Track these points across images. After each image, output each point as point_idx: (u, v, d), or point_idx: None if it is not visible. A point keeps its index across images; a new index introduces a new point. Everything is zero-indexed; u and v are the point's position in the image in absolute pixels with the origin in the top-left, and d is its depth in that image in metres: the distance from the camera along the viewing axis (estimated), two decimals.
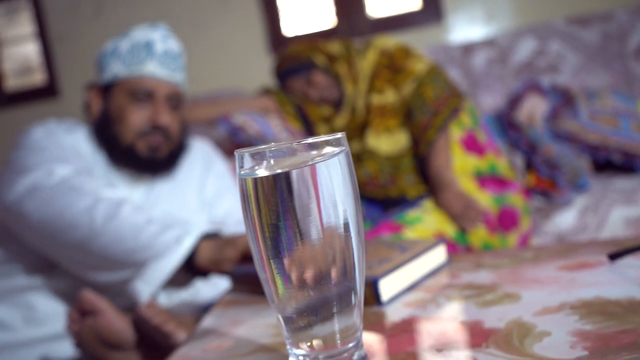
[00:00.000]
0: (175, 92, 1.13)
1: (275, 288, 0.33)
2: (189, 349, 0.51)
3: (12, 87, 2.90)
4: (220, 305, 0.64)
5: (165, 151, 1.12)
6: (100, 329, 0.76)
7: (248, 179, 0.32)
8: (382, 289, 0.56)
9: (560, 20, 2.19)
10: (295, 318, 0.34)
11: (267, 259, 0.32)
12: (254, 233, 0.33)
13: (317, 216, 0.31)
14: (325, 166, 0.32)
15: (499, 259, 0.65)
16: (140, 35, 1.11)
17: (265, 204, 0.31)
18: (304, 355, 0.36)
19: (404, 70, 1.51)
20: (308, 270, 0.32)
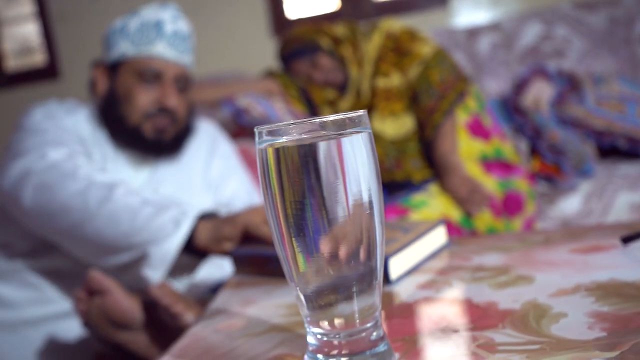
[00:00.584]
0: (183, 73, 1.12)
1: (296, 266, 0.33)
2: (201, 328, 0.51)
3: (12, 68, 2.88)
4: (229, 285, 0.64)
5: (171, 133, 1.10)
6: (108, 309, 0.76)
7: (269, 149, 0.31)
8: (391, 267, 0.57)
9: (566, 4, 2.17)
10: (315, 296, 0.34)
11: (288, 236, 0.32)
12: (274, 209, 0.33)
13: (343, 192, 0.31)
14: (350, 142, 0.32)
15: (509, 241, 0.65)
16: (150, 15, 1.09)
17: (288, 177, 0.30)
18: (322, 333, 0.36)
19: (410, 53, 1.50)
20: (331, 248, 0.31)
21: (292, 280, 0.34)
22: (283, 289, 0.59)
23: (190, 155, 1.19)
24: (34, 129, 1.02)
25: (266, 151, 0.32)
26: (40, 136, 1.00)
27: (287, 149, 0.31)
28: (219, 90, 1.63)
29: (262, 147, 0.33)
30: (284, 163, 0.31)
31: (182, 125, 1.13)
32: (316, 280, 0.33)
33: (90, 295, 0.78)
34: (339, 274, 0.33)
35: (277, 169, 0.31)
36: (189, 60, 1.13)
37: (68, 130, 1.05)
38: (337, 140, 0.31)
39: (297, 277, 0.33)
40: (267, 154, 0.32)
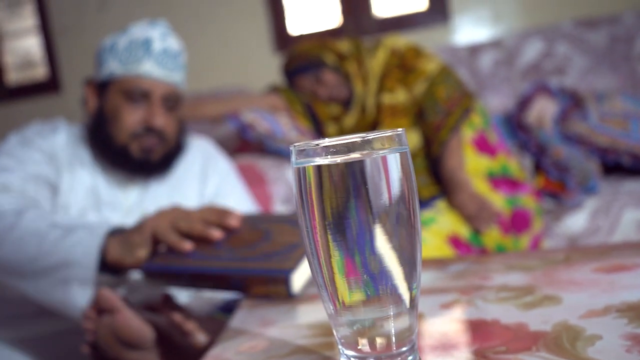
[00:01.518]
0: (172, 92, 1.09)
1: (333, 287, 0.32)
2: (221, 350, 0.49)
3: (13, 81, 2.87)
4: (244, 305, 0.63)
5: (159, 153, 1.09)
6: (118, 328, 0.74)
7: (309, 167, 0.31)
8: (294, 282, 0.60)
9: (567, 22, 2.19)
10: (351, 318, 0.33)
11: (327, 256, 0.31)
12: (312, 228, 0.32)
13: (388, 211, 0.30)
14: (395, 158, 0.31)
15: (528, 260, 0.64)
16: (138, 32, 1.08)
17: (332, 195, 0.30)
18: (357, 357, 0.35)
19: (415, 70, 1.50)
20: (372, 269, 0.31)
21: (329, 300, 0.33)
22: (301, 309, 0.58)
23: (183, 173, 1.17)
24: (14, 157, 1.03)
25: (305, 170, 0.31)
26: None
27: (332, 166, 0.30)
28: (223, 105, 1.63)
29: (300, 166, 0.32)
30: (328, 181, 0.30)
31: (172, 144, 1.11)
32: (354, 301, 0.32)
33: (99, 313, 0.76)
34: (377, 295, 0.32)
35: (319, 188, 0.30)
36: (179, 78, 1.11)
37: (35, 159, 1.04)
38: (383, 158, 0.30)
39: (334, 297, 0.32)
40: (306, 172, 0.31)
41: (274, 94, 1.69)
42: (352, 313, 0.32)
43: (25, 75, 2.88)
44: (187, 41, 2.41)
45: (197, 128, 2.03)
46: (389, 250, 0.31)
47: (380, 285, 0.31)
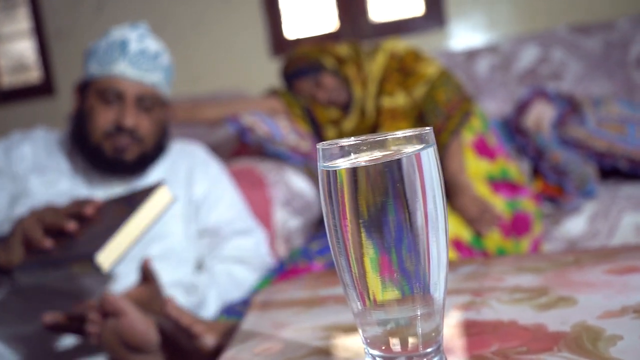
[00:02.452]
0: (147, 92, 1.10)
1: (365, 286, 0.32)
2: (236, 352, 0.49)
3: (7, 85, 2.85)
4: (255, 307, 0.63)
5: (134, 153, 1.09)
6: (123, 331, 0.73)
7: (342, 170, 0.30)
8: (102, 262, 0.68)
9: (563, 28, 2.21)
10: (379, 317, 0.33)
11: (359, 255, 0.31)
12: (342, 228, 0.31)
13: (422, 210, 0.30)
14: (427, 156, 0.31)
15: (538, 262, 0.64)
16: (117, 35, 1.10)
17: (368, 196, 0.29)
18: (383, 357, 0.35)
19: (415, 73, 1.50)
20: (404, 267, 0.30)
21: (357, 299, 0.33)
22: (314, 311, 0.58)
23: (168, 177, 1.17)
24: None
25: (335, 172, 0.31)
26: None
27: (367, 167, 0.30)
28: (223, 108, 1.62)
29: (330, 168, 0.32)
30: (364, 181, 0.29)
31: (149, 145, 1.12)
32: (386, 300, 0.32)
33: (103, 317, 0.75)
34: (409, 294, 0.32)
35: (353, 188, 0.30)
36: (157, 79, 1.12)
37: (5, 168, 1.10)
38: (417, 156, 0.30)
39: (364, 295, 0.32)
40: (337, 174, 0.31)
41: (273, 97, 1.68)
42: (382, 312, 0.32)
43: (19, 79, 2.85)
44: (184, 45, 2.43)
45: (194, 132, 2.02)
46: (423, 249, 0.31)
47: (413, 283, 0.31)
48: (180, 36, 2.57)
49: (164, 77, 1.13)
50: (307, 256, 1.10)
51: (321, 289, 0.66)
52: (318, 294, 0.64)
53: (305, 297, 0.63)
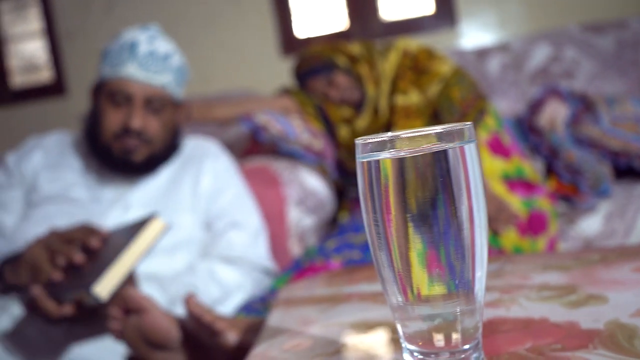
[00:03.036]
0: (156, 94, 1.10)
1: (409, 281, 0.31)
2: (265, 349, 0.49)
3: (18, 84, 2.86)
4: (279, 304, 0.63)
5: (142, 154, 1.11)
6: (146, 328, 0.74)
7: (386, 161, 0.30)
8: (99, 294, 0.75)
9: (575, 26, 2.19)
10: (420, 313, 0.33)
11: (404, 249, 0.31)
12: (383, 222, 0.31)
13: (467, 203, 0.30)
14: (470, 150, 0.31)
15: (563, 260, 0.64)
16: (127, 37, 1.11)
17: (416, 188, 0.29)
18: (421, 352, 0.34)
19: (428, 71, 1.50)
20: (453, 259, 0.30)
21: (399, 293, 0.33)
22: (340, 308, 0.58)
23: (178, 172, 1.19)
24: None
25: (379, 163, 0.31)
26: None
27: (415, 158, 0.29)
28: (235, 107, 1.62)
29: (372, 159, 0.32)
30: (411, 173, 0.29)
31: (158, 146, 1.13)
32: (430, 295, 0.32)
33: (126, 313, 0.75)
34: (451, 290, 0.32)
35: (399, 180, 0.30)
36: (167, 80, 1.12)
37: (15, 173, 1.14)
38: (461, 148, 0.30)
39: (407, 290, 0.32)
40: (381, 165, 0.31)
41: (286, 96, 1.68)
42: (426, 307, 0.32)
43: (30, 79, 2.87)
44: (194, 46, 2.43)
45: (205, 131, 2.02)
46: (468, 244, 0.31)
47: (458, 279, 0.31)
48: (190, 36, 2.57)
49: (174, 78, 1.14)
50: (323, 254, 1.09)
51: (344, 286, 0.66)
52: (342, 291, 0.64)
53: (329, 295, 0.63)
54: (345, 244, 1.16)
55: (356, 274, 0.71)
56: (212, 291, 1.03)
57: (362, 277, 0.69)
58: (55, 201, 1.08)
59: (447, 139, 0.30)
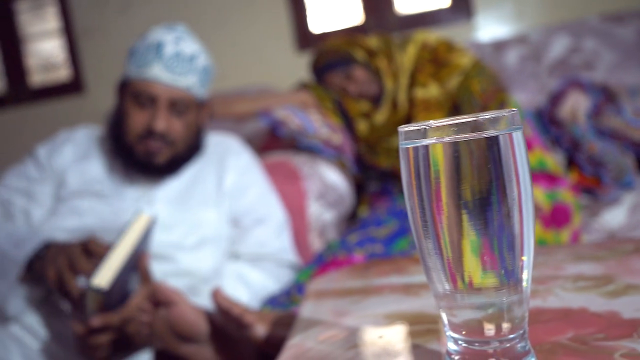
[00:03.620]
0: (180, 96, 1.10)
1: (459, 267, 0.31)
2: (300, 340, 0.49)
3: (37, 83, 2.90)
4: (310, 296, 0.63)
5: (165, 156, 1.11)
6: (174, 321, 0.74)
7: (437, 145, 0.30)
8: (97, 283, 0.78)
9: (594, 17, 2.16)
10: (471, 300, 0.32)
11: (456, 235, 0.30)
12: (431, 209, 0.31)
13: (516, 189, 0.29)
14: (517, 137, 0.30)
15: (596, 251, 0.63)
16: (153, 37, 1.10)
17: (471, 174, 0.29)
18: (466, 340, 0.34)
19: (448, 64, 1.49)
20: (506, 247, 0.30)
21: (447, 281, 0.32)
22: (371, 299, 0.57)
23: (201, 167, 1.19)
24: (17, 167, 1.17)
25: (427, 149, 0.30)
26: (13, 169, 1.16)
27: (467, 144, 0.29)
28: (254, 103, 1.63)
29: (419, 145, 0.31)
30: (467, 158, 0.29)
31: (180, 148, 1.13)
32: (479, 284, 0.31)
33: (155, 306, 0.76)
34: (502, 278, 0.31)
35: (452, 167, 0.29)
36: (192, 82, 1.12)
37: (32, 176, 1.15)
38: (509, 135, 0.30)
39: (457, 278, 0.32)
40: (431, 151, 0.30)
41: (304, 91, 1.68)
42: (475, 295, 0.32)
43: (49, 77, 2.90)
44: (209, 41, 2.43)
45: (222, 126, 2.03)
46: (518, 231, 0.30)
47: (509, 267, 0.31)
48: (206, 33, 2.57)
49: (199, 79, 1.13)
50: (346, 248, 1.09)
51: (374, 278, 0.66)
52: (372, 284, 0.64)
53: (359, 287, 0.63)
54: (368, 237, 1.15)
55: (385, 266, 0.71)
56: (240, 294, 1.04)
57: (392, 270, 0.68)
58: (82, 196, 1.09)
59: (495, 125, 0.30)
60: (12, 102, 2.90)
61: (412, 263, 0.70)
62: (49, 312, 0.99)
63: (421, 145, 0.30)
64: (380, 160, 1.49)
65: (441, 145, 0.30)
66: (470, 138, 0.29)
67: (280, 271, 1.14)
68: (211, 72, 1.18)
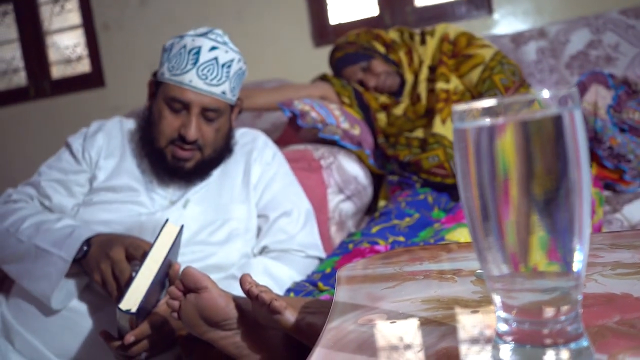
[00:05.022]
0: (214, 103, 1.10)
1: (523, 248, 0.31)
2: (340, 323, 0.49)
3: (58, 76, 2.93)
4: (342, 281, 0.63)
5: (193, 162, 1.12)
6: (204, 307, 0.74)
7: (510, 124, 0.29)
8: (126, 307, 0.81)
9: (614, 11, 2.14)
10: (531, 282, 0.32)
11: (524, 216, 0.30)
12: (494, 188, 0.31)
13: (578, 171, 0.29)
14: (579, 116, 0.30)
15: (630, 239, 0.63)
16: (189, 41, 1.09)
17: (541, 153, 0.29)
18: (518, 320, 0.34)
19: (469, 57, 1.48)
20: (565, 229, 0.30)
21: (505, 262, 0.32)
22: (406, 285, 0.57)
23: (232, 165, 1.21)
24: (54, 160, 1.19)
25: (494, 129, 0.30)
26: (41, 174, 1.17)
27: (538, 121, 0.29)
28: (275, 95, 1.63)
29: (481, 126, 0.31)
30: (537, 137, 0.29)
31: (209, 153, 1.14)
32: (541, 266, 0.31)
33: (185, 291, 0.77)
34: (561, 260, 0.31)
35: (522, 149, 0.29)
36: (226, 88, 1.11)
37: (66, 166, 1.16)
38: (571, 114, 0.29)
39: (518, 259, 0.31)
40: (493, 131, 0.30)
41: (324, 83, 1.68)
42: (538, 279, 0.31)
43: (70, 70, 2.93)
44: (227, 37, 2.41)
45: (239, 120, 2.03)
46: (580, 213, 0.30)
47: (570, 249, 0.30)
48: (223, 27, 2.57)
49: (233, 85, 1.13)
50: (369, 238, 1.09)
51: (404, 265, 0.66)
52: (404, 270, 0.64)
53: (391, 273, 0.63)
54: (390, 229, 1.15)
55: (417, 253, 0.71)
56: (267, 285, 1.05)
57: (424, 256, 0.68)
58: (114, 190, 1.10)
59: (558, 103, 0.30)
60: (34, 95, 2.93)
61: (444, 250, 0.70)
62: (92, 300, 1.02)
63: (485, 126, 0.30)
64: (400, 152, 1.49)
65: (512, 124, 0.29)
66: (540, 117, 0.29)
67: (306, 263, 1.14)
68: (243, 76, 1.18)
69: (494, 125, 0.30)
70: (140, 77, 1.89)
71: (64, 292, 1.00)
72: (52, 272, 0.97)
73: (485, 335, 0.41)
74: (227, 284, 1.02)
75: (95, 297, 1.04)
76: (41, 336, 1.02)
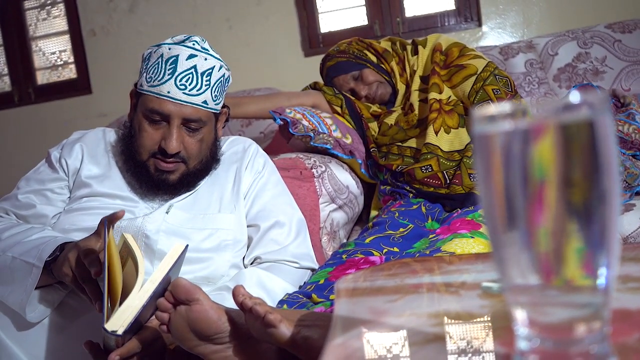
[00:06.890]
0: (195, 113, 1.06)
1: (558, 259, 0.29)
2: (345, 339, 0.47)
3: (43, 82, 2.87)
4: (342, 294, 0.60)
5: (178, 174, 1.09)
6: (195, 320, 0.72)
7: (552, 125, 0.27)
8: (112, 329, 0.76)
9: (602, 26, 2.16)
10: (560, 297, 0.30)
11: (560, 226, 0.28)
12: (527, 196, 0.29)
13: (608, 180, 0.27)
14: (609, 120, 0.28)
15: (636, 252, 0.61)
16: (166, 50, 1.05)
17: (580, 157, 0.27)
18: (541, 337, 0.32)
19: (462, 67, 1.48)
20: (598, 241, 0.28)
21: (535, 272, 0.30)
22: (409, 299, 0.55)
23: (218, 174, 1.17)
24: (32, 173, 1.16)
25: (526, 133, 0.28)
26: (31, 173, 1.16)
27: (578, 126, 0.27)
28: (265, 103, 1.61)
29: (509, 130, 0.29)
30: (577, 142, 0.27)
31: (196, 164, 1.10)
32: (572, 279, 0.29)
33: (175, 304, 0.74)
34: (593, 273, 0.29)
35: (564, 150, 0.27)
36: (207, 97, 1.07)
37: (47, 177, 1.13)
38: (602, 119, 0.28)
39: (548, 271, 0.29)
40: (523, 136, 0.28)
41: (316, 92, 1.67)
42: (572, 294, 0.29)
43: (55, 76, 2.88)
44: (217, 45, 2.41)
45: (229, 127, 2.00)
46: (610, 225, 0.28)
47: (602, 262, 0.29)
48: (213, 36, 2.55)
49: (215, 92, 1.09)
50: (363, 249, 1.07)
51: (406, 277, 0.64)
52: (406, 282, 0.61)
53: (392, 286, 0.61)
54: (384, 239, 1.13)
55: (417, 265, 0.69)
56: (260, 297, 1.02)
57: (423, 269, 0.66)
58: (96, 198, 1.08)
59: (593, 107, 0.28)
60: (18, 101, 2.87)
61: (444, 262, 0.68)
62: (68, 315, 0.97)
63: (516, 130, 0.28)
64: (393, 161, 1.48)
65: (551, 128, 0.27)
66: (575, 121, 0.27)
67: (300, 274, 1.11)
68: (226, 82, 1.14)
69: (529, 128, 0.28)
70: (128, 84, 1.85)
71: (40, 307, 0.97)
72: (26, 280, 0.94)
73: (501, 353, 0.39)
74: (219, 296, 0.98)
75: (76, 302, 1.00)
76: (23, 345, 0.98)
